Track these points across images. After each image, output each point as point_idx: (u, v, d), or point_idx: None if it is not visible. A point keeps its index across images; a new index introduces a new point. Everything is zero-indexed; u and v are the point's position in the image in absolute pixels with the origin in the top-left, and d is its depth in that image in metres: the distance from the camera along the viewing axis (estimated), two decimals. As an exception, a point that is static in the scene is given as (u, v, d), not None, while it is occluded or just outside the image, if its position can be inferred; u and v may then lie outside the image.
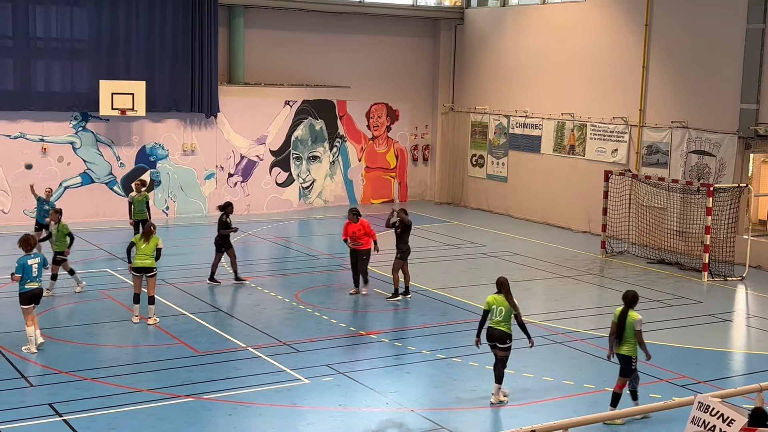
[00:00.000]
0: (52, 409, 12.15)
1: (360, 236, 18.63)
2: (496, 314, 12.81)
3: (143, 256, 16.33)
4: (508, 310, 12.78)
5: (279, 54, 29.94)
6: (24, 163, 25.84)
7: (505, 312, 12.78)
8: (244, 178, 29.03)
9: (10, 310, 17.02)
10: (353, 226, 18.70)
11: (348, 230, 18.77)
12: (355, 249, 18.75)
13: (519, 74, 29.56)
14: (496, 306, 12.83)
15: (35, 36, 25.72)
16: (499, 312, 12.78)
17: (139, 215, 22.01)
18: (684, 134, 24.33)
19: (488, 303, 12.92)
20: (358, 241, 18.64)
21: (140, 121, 27.14)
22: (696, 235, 22.77)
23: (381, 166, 32.39)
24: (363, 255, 18.72)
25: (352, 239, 18.68)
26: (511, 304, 12.78)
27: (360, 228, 18.68)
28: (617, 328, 12.32)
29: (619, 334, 12.30)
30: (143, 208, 22.11)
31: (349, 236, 18.74)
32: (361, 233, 18.65)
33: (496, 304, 12.84)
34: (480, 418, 12.63)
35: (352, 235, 18.68)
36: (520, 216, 29.57)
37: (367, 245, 18.68)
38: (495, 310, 12.82)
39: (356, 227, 18.67)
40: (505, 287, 12.86)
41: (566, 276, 21.33)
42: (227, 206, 19.71)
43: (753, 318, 18.21)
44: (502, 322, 12.77)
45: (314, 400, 12.82)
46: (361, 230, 18.66)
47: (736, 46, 23.01)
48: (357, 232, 18.62)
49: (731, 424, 7.04)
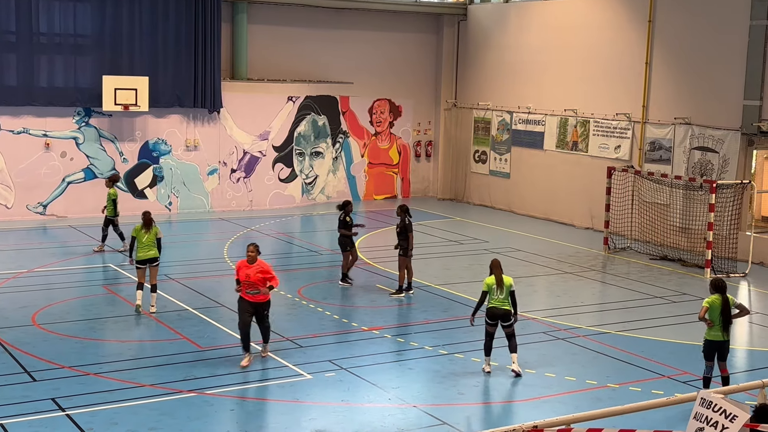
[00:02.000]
0: (55, 404, 12.17)
1: (257, 282, 13.90)
2: (496, 294, 13.61)
3: (146, 248, 16.53)
4: (507, 288, 13.61)
5: (282, 50, 29.93)
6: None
7: (506, 290, 13.61)
8: (246, 174, 29.04)
9: (12, 305, 17.06)
10: (248, 267, 14.06)
11: (240, 272, 14.10)
12: (251, 301, 13.97)
13: (522, 70, 29.54)
14: (495, 286, 13.61)
15: (38, 31, 25.73)
16: (500, 291, 13.59)
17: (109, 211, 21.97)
18: (687, 130, 24.30)
19: (487, 284, 13.72)
20: (256, 287, 13.88)
21: (143, 116, 27.15)
22: (699, 231, 22.75)
23: (384, 162, 32.38)
24: (263, 309, 14.06)
25: (247, 285, 13.93)
26: (506, 280, 13.67)
27: (258, 271, 13.96)
28: (727, 316, 12.71)
29: (727, 322, 12.73)
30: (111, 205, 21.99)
31: (243, 281, 14.00)
32: (258, 278, 13.91)
33: (496, 284, 13.62)
34: (482, 414, 12.65)
35: (245, 279, 13.95)
36: (522, 212, 29.56)
37: (266, 294, 13.97)
38: (495, 290, 13.61)
39: (253, 269, 14.00)
40: (499, 267, 13.74)
41: (569, 272, 21.33)
42: (346, 205, 19.10)
43: (756, 315, 18.20)
44: (504, 300, 13.63)
45: (317, 395, 12.83)
46: (259, 274, 13.92)
47: (739, 43, 22.98)
48: (252, 276, 13.92)
49: (734, 420, 7.04)
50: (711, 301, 12.72)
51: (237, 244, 23.40)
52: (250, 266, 13.97)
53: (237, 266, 14.22)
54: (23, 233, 24.13)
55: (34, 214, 26.15)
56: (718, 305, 12.69)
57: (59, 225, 25.36)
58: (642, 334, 16.31)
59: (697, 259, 22.26)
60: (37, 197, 26.21)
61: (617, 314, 17.71)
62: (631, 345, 15.58)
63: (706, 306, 12.68)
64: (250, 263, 13.99)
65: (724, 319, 12.69)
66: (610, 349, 15.31)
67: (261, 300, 13.98)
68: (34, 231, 24.56)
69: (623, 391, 13.27)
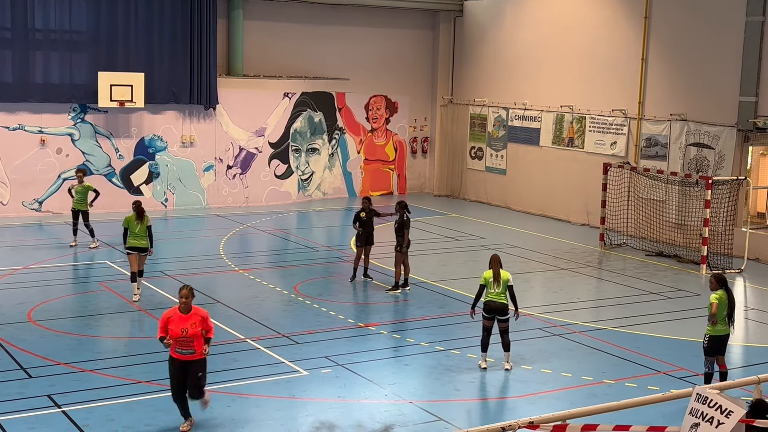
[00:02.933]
0: (51, 401, 12.16)
1: (195, 336, 11.06)
2: (493, 287, 13.72)
3: (138, 237, 17.01)
4: (504, 283, 13.73)
5: (278, 46, 29.90)
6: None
7: (503, 285, 13.73)
8: (242, 170, 29.02)
9: (8, 301, 17.05)
10: (182, 319, 11.08)
11: (172, 326, 11.06)
12: (183, 361, 11.10)
13: (518, 66, 29.54)
14: (492, 280, 13.73)
15: (34, 27, 25.68)
16: (497, 285, 13.70)
17: (78, 205, 21.85)
18: (683, 127, 24.32)
19: (484, 278, 13.87)
20: (191, 346, 11.06)
21: (139, 112, 27.11)
22: (694, 227, 22.78)
23: (380, 159, 32.37)
24: (198, 369, 11.17)
25: (181, 343, 11.04)
26: (504, 275, 13.77)
27: (195, 322, 11.10)
28: (732, 309, 12.84)
29: (732, 316, 12.86)
30: (82, 198, 21.90)
31: (173, 338, 11.03)
32: (197, 331, 11.06)
33: (493, 278, 13.74)
34: (478, 410, 12.66)
35: (180, 336, 11.00)
36: (518, 208, 29.57)
37: (199, 351, 11.08)
38: (492, 284, 13.73)
39: (189, 321, 11.08)
40: (498, 262, 13.86)
41: (564, 268, 21.34)
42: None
43: (751, 310, 18.23)
44: (502, 294, 13.73)
45: (313, 391, 12.83)
46: (197, 326, 11.07)
47: (735, 39, 22.99)
48: (190, 330, 11.02)
49: (729, 416, 7.05)
50: (719, 296, 12.74)
51: (233, 240, 23.39)
52: (185, 316, 11.06)
53: (164, 318, 11.13)
54: (19, 230, 24.10)
55: (30, 211, 26.12)
56: (724, 300, 12.76)
57: (55, 221, 25.33)
58: (638, 330, 16.33)
59: (693, 255, 22.28)
60: (32, 194, 26.17)
61: (613, 310, 17.73)
62: (626, 341, 15.60)
63: (716, 302, 12.70)
64: (184, 312, 11.09)
65: (729, 313, 12.79)
66: (605, 345, 15.33)
67: (197, 359, 11.13)
68: (30, 227, 24.53)
69: (619, 387, 13.28)
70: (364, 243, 19.06)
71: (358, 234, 19.04)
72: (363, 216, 18.96)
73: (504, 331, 13.84)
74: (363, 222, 18.94)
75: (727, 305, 12.80)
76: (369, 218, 19.02)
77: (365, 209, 19.02)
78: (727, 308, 12.81)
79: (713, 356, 12.86)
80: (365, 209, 19.02)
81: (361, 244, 19.07)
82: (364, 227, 18.95)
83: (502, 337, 13.89)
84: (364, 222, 18.95)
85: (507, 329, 13.88)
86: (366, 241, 19.05)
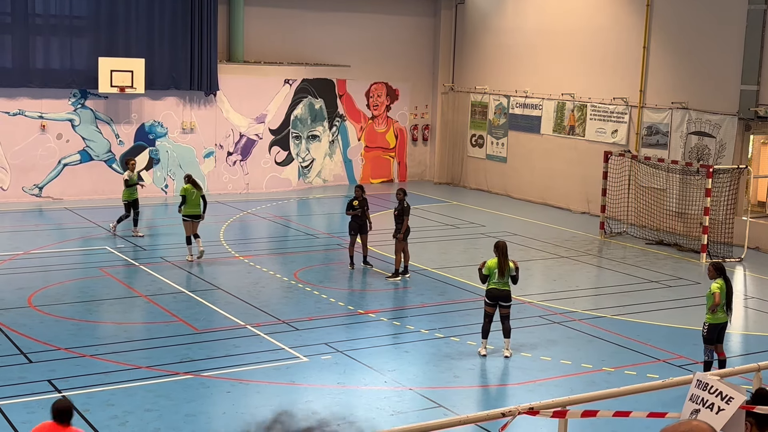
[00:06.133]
0: (51, 386, 12.18)
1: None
2: (497, 276, 13.75)
3: (194, 205, 19.17)
4: (509, 272, 13.79)
5: (279, 32, 29.82)
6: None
7: (507, 273, 13.78)
8: (243, 157, 28.98)
9: (8, 287, 17.05)
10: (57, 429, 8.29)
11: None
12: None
13: (519, 54, 29.47)
14: (497, 269, 13.75)
15: (34, 12, 25.61)
16: (502, 274, 13.74)
17: (131, 195, 21.71)
18: (684, 115, 24.29)
19: (488, 268, 13.86)
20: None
21: (139, 98, 27.06)
22: (695, 216, 22.77)
23: (380, 146, 32.33)
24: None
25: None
26: (510, 265, 13.80)
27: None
28: (731, 297, 12.96)
29: (730, 303, 12.97)
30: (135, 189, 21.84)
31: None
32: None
33: (498, 271, 13.75)
34: (478, 397, 12.69)
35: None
36: (519, 196, 29.56)
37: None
38: (496, 273, 13.75)
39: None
40: (504, 250, 13.86)
41: (565, 256, 21.34)
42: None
43: (751, 299, 18.24)
44: (506, 283, 13.81)
45: (313, 378, 12.84)
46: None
47: (737, 27, 22.93)
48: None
49: (729, 402, 7.05)
50: (720, 285, 12.78)
51: (233, 227, 23.38)
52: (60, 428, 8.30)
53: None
54: (19, 215, 24.09)
55: (30, 196, 26.10)
56: (724, 288, 12.81)
57: (55, 207, 25.32)
58: (638, 318, 16.34)
59: (693, 243, 22.28)
60: (33, 179, 26.14)
61: (613, 298, 17.74)
62: (626, 329, 15.61)
63: (718, 291, 12.74)
64: (60, 424, 8.32)
65: (727, 301, 12.84)
66: (605, 333, 15.34)
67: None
68: (30, 213, 24.52)
69: (618, 374, 13.30)
70: (357, 231, 19.10)
71: (351, 222, 19.08)
72: (356, 204, 18.97)
73: (505, 317, 13.90)
74: (355, 210, 18.98)
75: (725, 294, 12.83)
76: (361, 207, 19.02)
77: (358, 197, 19.02)
78: (726, 297, 12.85)
79: (713, 344, 12.88)
80: (358, 197, 19.02)
81: (354, 233, 19.11)
82: (356, 216, 18.97)
83: (503, 323, 13.93)
84: (356, 210, 18.99)
85: (508, 315, 13.93)
86: (360, 229, 19.08)
